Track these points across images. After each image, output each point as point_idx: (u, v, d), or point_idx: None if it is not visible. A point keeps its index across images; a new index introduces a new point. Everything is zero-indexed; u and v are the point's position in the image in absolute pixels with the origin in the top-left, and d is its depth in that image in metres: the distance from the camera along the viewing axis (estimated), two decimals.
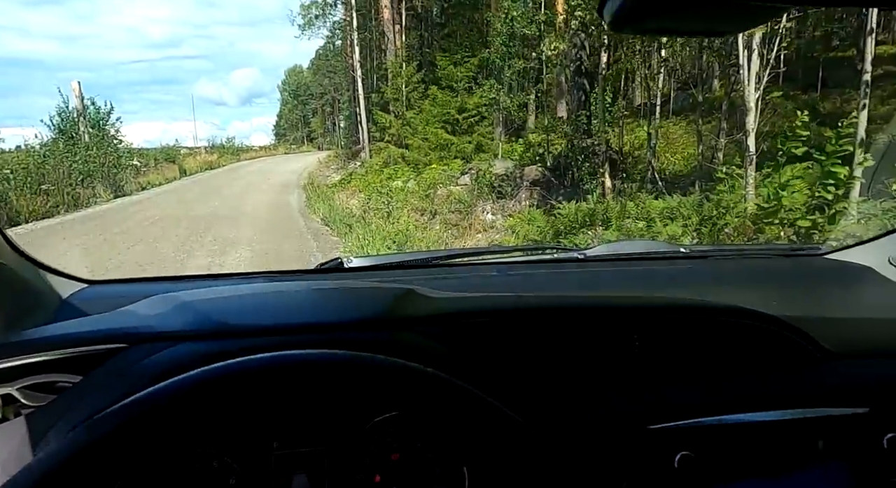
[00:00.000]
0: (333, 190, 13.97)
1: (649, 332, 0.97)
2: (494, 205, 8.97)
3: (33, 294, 0.95)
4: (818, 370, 1.00)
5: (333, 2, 22.59)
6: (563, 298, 1.06)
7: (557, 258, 1.40)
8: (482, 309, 0.94)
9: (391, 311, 0.87)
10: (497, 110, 14.15)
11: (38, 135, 14.83)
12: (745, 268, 1.39)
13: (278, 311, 0.86)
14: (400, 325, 0.86)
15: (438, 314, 0.90)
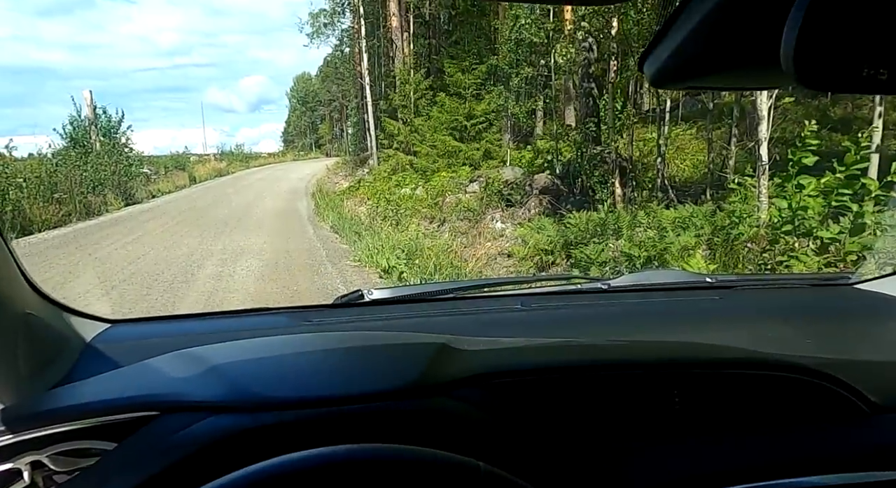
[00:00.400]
0: (342, 197, 14.01)
1: (688, 386, 0.92)
2: (503, 214, 8.95)
3: (58, 339, 0.95)
4: (866, 426, 0.93)
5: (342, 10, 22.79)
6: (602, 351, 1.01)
7: (581, 289, 1.38)
8: (520, 367, 0.90)
9: (427, 376, 0.82)
10: (505, 117, 14.15)
11: (50, 145, 15.01)
12: (774, 300, 1.35)
13: (310, 379, 0.83)
14: (436, 391, 0.81)
15: (475, 375, 0.85)
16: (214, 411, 0.74)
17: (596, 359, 0.95)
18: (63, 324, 0.98)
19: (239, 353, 0.90)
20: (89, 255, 7.86)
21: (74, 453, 0.75)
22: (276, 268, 6.88)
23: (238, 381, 0.79)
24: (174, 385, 0.80)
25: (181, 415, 0.74)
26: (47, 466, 0.74)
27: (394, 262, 6.87)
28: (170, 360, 0.87)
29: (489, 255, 7.28)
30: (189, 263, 7.17)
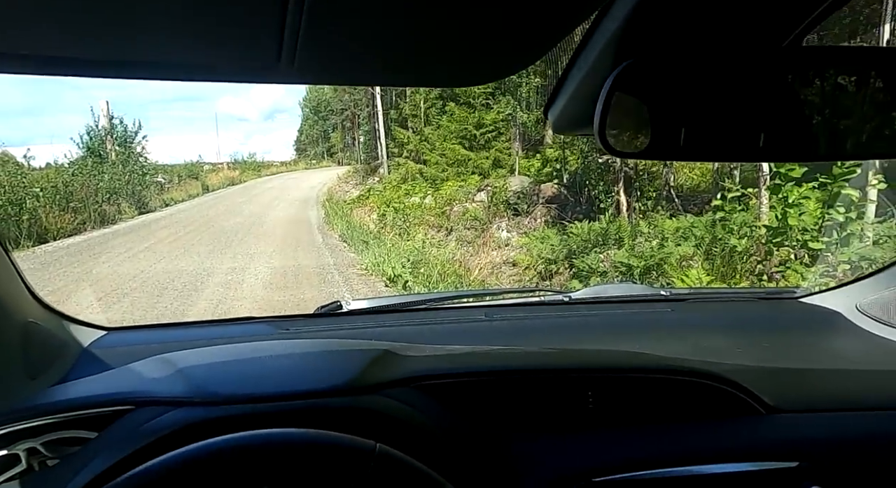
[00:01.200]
0: (351, 206, 14.15)
1: (603, 389, 1.03)
2: (510, 223, 9.01)
3: (57, 344, 1.07)
4: (759, 425, 1.03)
5: None
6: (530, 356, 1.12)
7: (544, 301, 1.46)
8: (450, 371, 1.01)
9: (365, 376, 0.94)
10: (514, 126, 14.22)
11: (66, 154, 15.35)
12: (720, 313, 1.43)
13: (264, 379, 0.94)
14: (372, 390, 0.92)
15: (405, 377, 0.97)
16: (177, 405, 0.86)
17: (519, 365, 1.05)
18: (62, 330, 1.10)
19: (206, 357, 1.01)
20: (103, 263, 8.04)
21: (64, 441, 0.88)
22: (285, 277, 6.99)
23: (199, 380, 0.91)
24: (148, 384, 0.92)
25: (151, 409, 0.87)
26: (41, 452, 0.87)
27: (399, 271, 6.96)
28: (147, 363, 0.99)
29: (494, 264, 7.35)
30: (200, 271, 7.31)
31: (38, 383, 0.97)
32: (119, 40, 0.39)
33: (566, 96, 0.61)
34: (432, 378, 0.98)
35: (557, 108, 0.62)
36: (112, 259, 8.36)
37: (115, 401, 0.89)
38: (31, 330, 0.98)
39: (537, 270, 6.69)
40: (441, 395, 0.97)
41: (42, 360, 1.00)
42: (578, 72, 0.57)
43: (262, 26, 0.39)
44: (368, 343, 1.09)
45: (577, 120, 0.61)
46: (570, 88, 0.59)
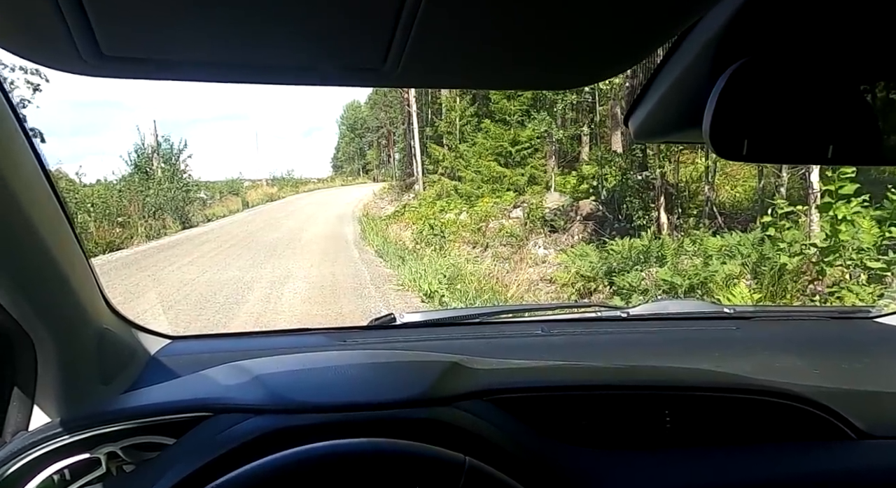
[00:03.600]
0: (387, 222, 14.28)
1: (680, 409, 0.99)
2: (546, 240, 8.94)
3: (128, 351, 1.09)
4: (851, 451, 0.98)
5: None
6: (600, 372, 1.09)
7: (601, 317, 1.43)
8: (522, 385, 1.00)
9: (438, 388, 0.93)
10: (550, 142, 14.18)
11: (115, 171, 15.99)
12: (791, 331, 1.37)
13: (339, 388, 0.95)
14: (446, 402, 0.92)
15: (479, 390, 0.96)
16: (256, 412, 0.87)
17: (593, 380, 1.03)
18: (132, 338, 1.13)
19: (278, 366, 1.02)
20: (149, 277, 8.28)
21: (142, 446, 0.90)
22: (322, 291, 7.06)
23: (275, 388, 0.92)
24: (224, 391, 0.93)
25: (229, 416, 0.87)
26: (120, 457, 0.89)
27: (436, 287, 6.96)
28: (221, 370, 1.01)
29: (531, 281, 7.28)
30: (240, 285, 7.45)
31: (110, 389, 0.99)
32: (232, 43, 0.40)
33: (652, 102, 0.59)
34: (508, 391, 0.97)
35: (641, 116, 0.60)
36: (157, 272, 8.61)
37: (194, 408, 0.90)
38: (106, 336, 1.00)
39: (575, 288, 6.59)
40: (515, 409, 0.95)
41: (114, 366, 1.03)
42: (668, 77, 0.55)
43: (373, 29, 0.39)
44: (436, 355, 1.09)
45: (664, 126, 0.60)
46: (656, 95, 0.57)
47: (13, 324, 0.82)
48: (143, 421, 0.89)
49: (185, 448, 0.86)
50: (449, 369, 0.99)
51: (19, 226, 0.72)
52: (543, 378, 1.03)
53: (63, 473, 0.87)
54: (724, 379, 1.05)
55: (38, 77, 9.59)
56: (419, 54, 0.42)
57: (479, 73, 0.49)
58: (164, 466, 0.82)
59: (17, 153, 0.70)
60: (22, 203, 0.71)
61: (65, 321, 0.89)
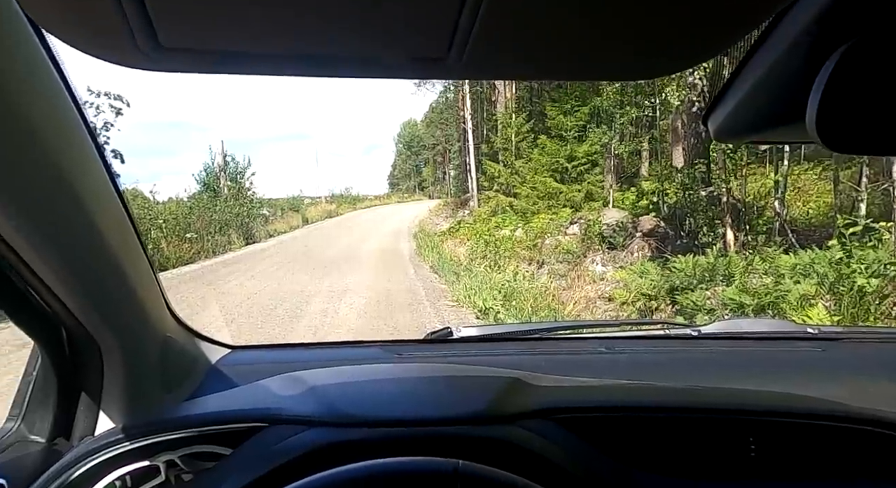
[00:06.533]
0: (442, 238, 14.34)
1: (766, 436, 0.91)
2: (605, 257, 8.71)
3: (190, 360, 1.12)
4: None
5: None
6: (672, 393, 1.02)
7: (669, 335, 1.35)
8: (589, 404, 0.94)
9: (500, 405, 0.90)
10: (608, 158, 13.92)
11: (186, 189, 16.86)
12: (885, 355, 1.24)
13: (391, 402, 0.93)
14: (509, 420, 0.88)
15: (542, 409, 0.91)
16: (311, 425, 0.87)
17: (667, 402, 0.96)
18: (195, 347, 1.15)
19: (335, 378, 1.02)
20: (214, 290, 8.61)
21: (199, 456, 0.91)
22: (378, 306, 7.13)
23: (331, 401, 0.91)
24: (280, 401, 0.93)
25: (284, 427, 0.87)
26: (179, 465, 0.90)
27: (490, 303, 6.89)
28: (278, 381, 1.01)
29: (588, 298, 7.08)
30: (299, 300, 7.63)
31: (172, 396, 1.01)
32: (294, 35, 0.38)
33: (734, 101, 0.54)
34: (573, 410, 0.92)
35: (721, 115, 0.56)
36: (221, 287, 8.93)
37: (250, 418, 0.90)
38: (170, 345, 1.02)
39: (635, 306, 6.36)
40: (580, 430, 0.90)
41: (177, 375, 1.05)
42: (758, 66, 0.50)
43: (436, 16, 0.37)
44: (495, 370, 1.05)
45: (751, 123, 0.54)
46: (743, 87, 0.52)
47: (83, 332, 0.85)
48: (201, 430, 0.90)
49: (240, 459, 0.86)
50: (510, 385, 0.95)
51: (92, 239, 0.74)
52: (611, 397, 0.97)
53: (125, 479, 0.89)
54: (814, 404, 0.96)
55: (119, 102, 10.26)
56: (485, 43, 0.39)
57: (552, 64, 0.45)
58: (220, 477, 0.82)
59: (93, 171, 0.72)
60: (95, 218, 0.73)
61: (131, 330, 0.91)
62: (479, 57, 0.41)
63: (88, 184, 0.71)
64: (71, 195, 0.68)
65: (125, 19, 0.34)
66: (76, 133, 0.67)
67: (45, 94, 0.61)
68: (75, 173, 0.67)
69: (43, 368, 0.90)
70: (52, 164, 0.64)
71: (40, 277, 0.72)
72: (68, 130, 0.66)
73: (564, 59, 0.44)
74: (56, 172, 0.64)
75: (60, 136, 0.64)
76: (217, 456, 0.91)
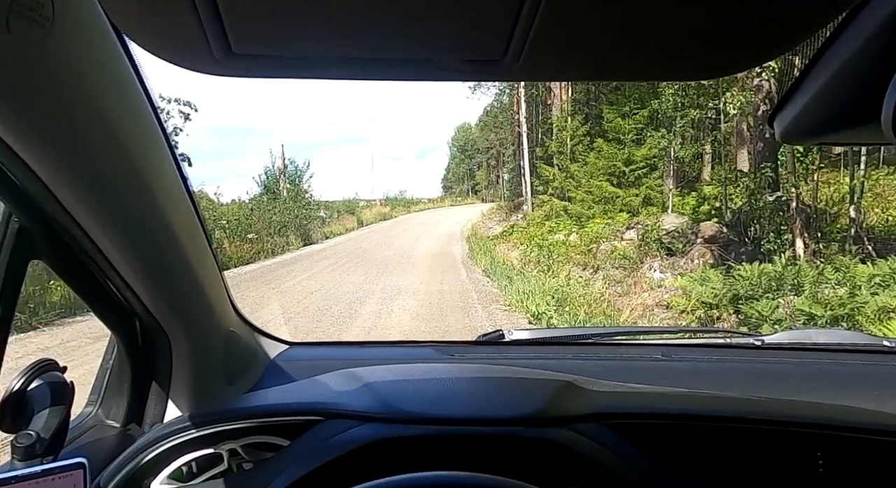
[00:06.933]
0: (495, 242, 14.28)
1: (836, 451, 0.86)
2: (663, 263, 8.44)
3: (251, 354, 1.16)
4: None
5: None
6: (733, 403, 0.98)
7: (730, 344, 1.29)
8: (644, 411, 0.92)
9: (552, 408, 0.89)
10: (668, 161, 13.51)
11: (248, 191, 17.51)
12: None
13: (449, 401, 0.94)
14: (560, 422, 0.87)
15: (595, 413, 0.90)
16: (365, 420, 0.89)
17: (726, 411, 0.93)
18: (255, 342, 1.19)
19: (389, 375, 1.04)
20: (273, 289, 8.88)
21: (259, 446, 0.95)
22: (430, 308, 7.17)
23: (385, 397, 0.93)
24: (336, 396, 0.96)
25: (339, 422, 0.90)
26: (240, 454, 0.94)
27: (543, 308, 6.81)
28: (334, 377, 1.04)
29: (645, 306, 6.89)
30: (353, 300, 7.77)
31: (234, 389, 1.06)
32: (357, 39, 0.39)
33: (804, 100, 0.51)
34: (628, 416, 0.90)
35: (789, 115, 0.53)
36: (279, 286, 9.21)
37: (306, 411, 0.93)
38: (233, 339, 1.07)
39: (695, 315, 6.13)
40: (635, 437, 0.88)
41: (239, 368, 1.09)
42: (831, 63, 0.47)
43: (495, 21, 0.37)
44: (548, 373, 1.04)
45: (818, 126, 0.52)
46: (810, 90, 0.50)
47: (155, 325, 0.90)
48: (260, 422, 0.93)
49: (296, 451, 0.89)
50: (563, 388, 0.95)
51: (166, 238, 0.79)
52: (669, 405, 0.95)
53: (191, 465, 0.93)
54: (889, 420, 0.90)
55: (188, 107, 10.81)
56: (543, 45, 0.39)
57: (611, 64, 0.44)
58: (278, 468, 0.85)
59: (168, 174, 0.77)
60: (170, 218, 0.77)
61: (198, 324, 0.96)
62: (536, 58, 0.41)
63: (164, 186, 0.75)
64: (149, 196, 0.72)
65: (201, 27, 0.36)
66: (155, 138, 0.71)
67: (130, 102, 0.65)
68: (154, 176, 0.72)
69: (118, 358, 0.96)
70: (135, 169, 0.68)
71: (120, 273, 0.77)
72: (148, 136, 0.70)
73: (624, 59, 0.43)
74: (138, 176, 0.69)
75: (141, 142, 0.68)
76: (276, 446, 0.94)
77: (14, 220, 0.66)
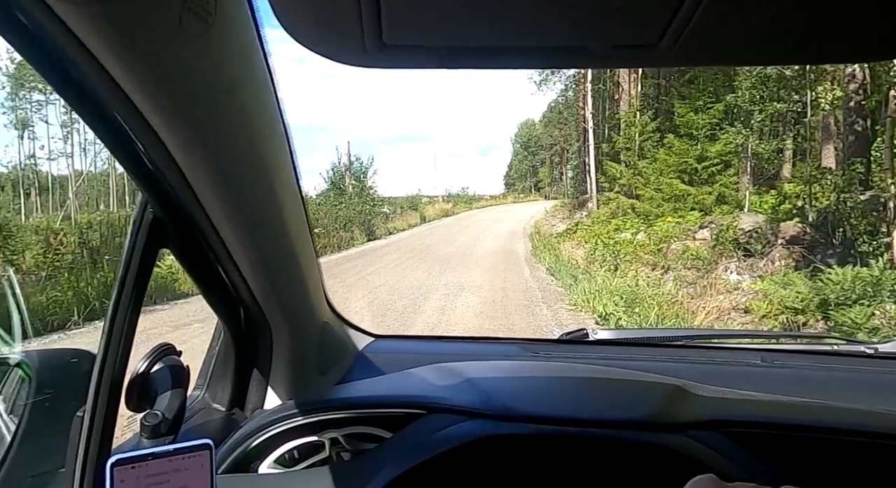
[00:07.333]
0: (558, 240, 14.05)
1: None
2: (740, 264, 8.02)
3: (341, 346, 1.17)
4: None
5: None
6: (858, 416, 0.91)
7: (838, 351, 1.20)
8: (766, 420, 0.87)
9: (666, 413, 0.87)
10: (745, 158, 12.85)
11: (315, 187, 18.05)
12: None
13: (554, 400, 0.92)
14: (675, 428, 0.84)
15: (714, 420, 0.86)
16: (471, 416, 0.88)
17: (853, 424, 0.87)
18: (345, 334, 1.20)
19: (488, 371, 1.02)
20: (339, 283, 9.09)
21: (360, 436, 0.96)
22: (493, 306, 7.12)
23: (491, 394, 0.91)
24: (437, 391, 0.96)
25: (443, 416, 0.89)
26: (341, 443, 0.95)
27: (611, 309, 6.62)
28: (430, 371, 1.04)
29: (721, 309, 6.56)
30: (417, 295, 7.84)
31: (326, 379, 1.07)
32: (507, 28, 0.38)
33: None
34: (748, 425, 0.86)
35: None
36: (345, 280, 9.42)
37: (410, 404, 0.94)
38: (326, 330, 1.08)
39: (778, 320, 5.77)
40: (751, 446, 0.84)
41: (331, 358, 1.10)
42: None
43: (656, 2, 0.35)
44: (652, 376, 1.02)
45: None
46: None
47: (259, 313, 0.92)
48: (362, 412, 0.95)
49: (400, 444, 0.89)
50: (674, 393, 0.92)
51: (280, 229, 0.81)
52: (786, 414, 0.89)
53: (293, 452, 0.95)
54: None
55: None
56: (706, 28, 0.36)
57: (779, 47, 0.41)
58: (384, 459, 0.85)
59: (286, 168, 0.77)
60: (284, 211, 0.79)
61: (298, 313, 0.97)
62: (695, 43, 0.39)
63: (283, 182, 0.76)
64: (272, 192, 0.74)
65: (359, 20, 0.37)
66: (280, 134, 0.72)
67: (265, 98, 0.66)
68: (277, 172, 0.73)
69: (224, 345, 0.99)
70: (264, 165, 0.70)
71: (237, 262, 0.80)
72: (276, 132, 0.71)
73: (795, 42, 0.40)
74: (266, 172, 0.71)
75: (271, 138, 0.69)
76: (376, 437, 0.94)
77: (149, 211, 0.70)
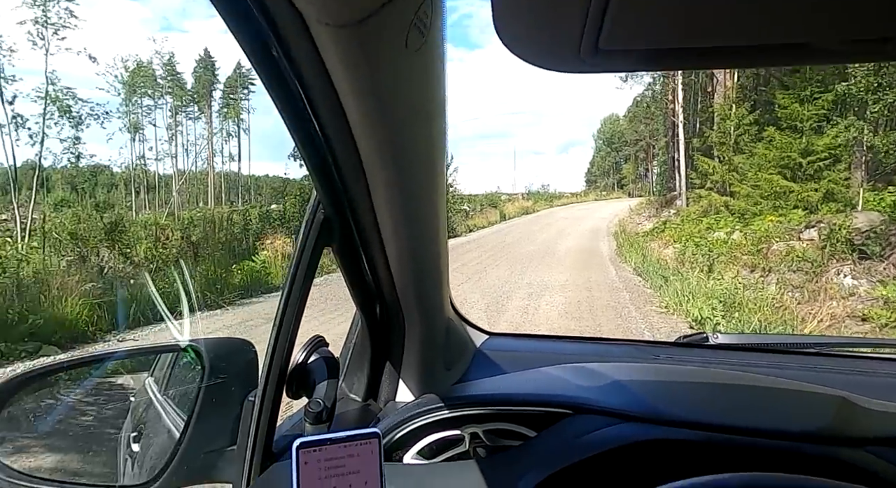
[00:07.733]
0: (645, 239, 13.51)
1: None
2: (855, 268, 7.34)
3: (462, 342, 1.17)
4: None
5: None
6: None
7: None
8: None
9: (839, 426, 0.82)
10: (858, 151, 11.78)
11: None
12: None
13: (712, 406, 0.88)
14: (855, 443, 0.80)
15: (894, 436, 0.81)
16: (623, 419, 0.85)
17: None
18: (464, 332, 1.19)
19: (629, 373, 0.99)
20: None
21: (500, 432, 0.95)
22: (579, 307, 6.95)
23: (642, 397, 0.89)
24: (581, 391, 0.93)
25: (592, 418, 0.87)
26: (480, 438, 0.95)
27: (707, 313, 6.27)
28: (567, 370, 1.02)
29: (834, 316, 6.03)
30: (499, 294, 7.79)
31: (450, 375, 1.06)
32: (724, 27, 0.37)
33: None
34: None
35: None
36: None
37: (556, 404, 0.92)
38: (450, 327, 1.08)
39: None
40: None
41: (454, 355, 1.10)
42: None
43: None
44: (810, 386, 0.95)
45: None
46: None
47: (395, 307, 0.93)
48: (503, 409, 0.94)
49: (546, 444, 0.87)
50: (843, 405, 0.86)
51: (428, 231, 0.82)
52: None
53: (433, 445, 0.96)
54: None
55: None
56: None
57: None
58: (530, 458, 0.84)
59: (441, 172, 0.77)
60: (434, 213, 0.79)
61: (429, 309, 0.98)
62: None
63: (438, 184, 0.76)
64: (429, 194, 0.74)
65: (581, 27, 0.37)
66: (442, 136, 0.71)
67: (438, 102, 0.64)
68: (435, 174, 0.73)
69: (361, 336, 1.00)
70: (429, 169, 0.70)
71: (388, 259, 0.81)
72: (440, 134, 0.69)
73: None
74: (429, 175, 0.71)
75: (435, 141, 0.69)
76: (517, 435, 0.93)
77: (320, 211, 0.73)
